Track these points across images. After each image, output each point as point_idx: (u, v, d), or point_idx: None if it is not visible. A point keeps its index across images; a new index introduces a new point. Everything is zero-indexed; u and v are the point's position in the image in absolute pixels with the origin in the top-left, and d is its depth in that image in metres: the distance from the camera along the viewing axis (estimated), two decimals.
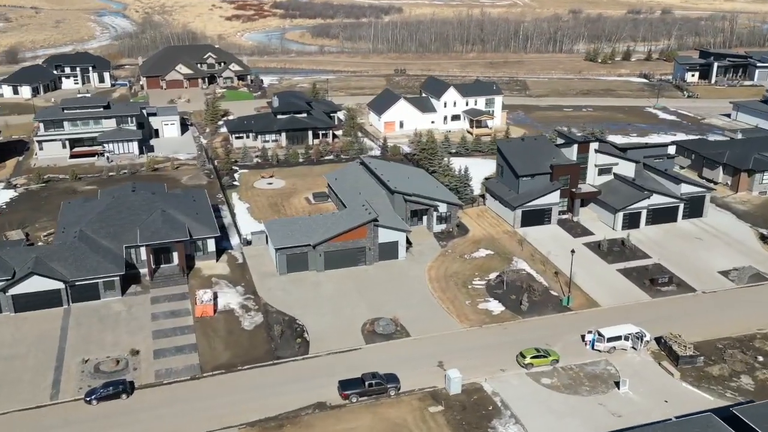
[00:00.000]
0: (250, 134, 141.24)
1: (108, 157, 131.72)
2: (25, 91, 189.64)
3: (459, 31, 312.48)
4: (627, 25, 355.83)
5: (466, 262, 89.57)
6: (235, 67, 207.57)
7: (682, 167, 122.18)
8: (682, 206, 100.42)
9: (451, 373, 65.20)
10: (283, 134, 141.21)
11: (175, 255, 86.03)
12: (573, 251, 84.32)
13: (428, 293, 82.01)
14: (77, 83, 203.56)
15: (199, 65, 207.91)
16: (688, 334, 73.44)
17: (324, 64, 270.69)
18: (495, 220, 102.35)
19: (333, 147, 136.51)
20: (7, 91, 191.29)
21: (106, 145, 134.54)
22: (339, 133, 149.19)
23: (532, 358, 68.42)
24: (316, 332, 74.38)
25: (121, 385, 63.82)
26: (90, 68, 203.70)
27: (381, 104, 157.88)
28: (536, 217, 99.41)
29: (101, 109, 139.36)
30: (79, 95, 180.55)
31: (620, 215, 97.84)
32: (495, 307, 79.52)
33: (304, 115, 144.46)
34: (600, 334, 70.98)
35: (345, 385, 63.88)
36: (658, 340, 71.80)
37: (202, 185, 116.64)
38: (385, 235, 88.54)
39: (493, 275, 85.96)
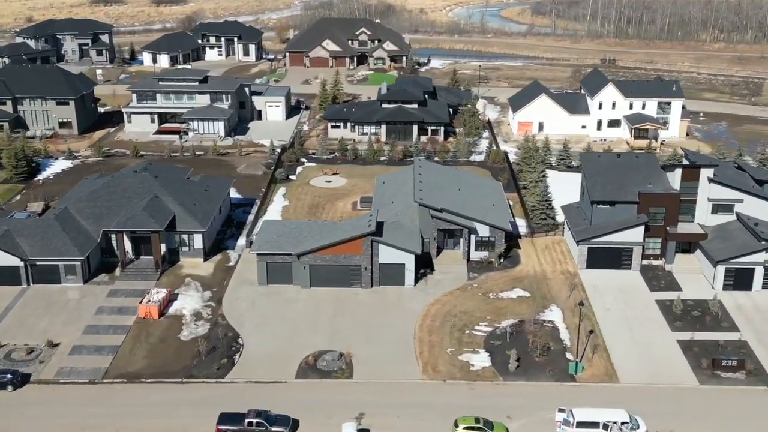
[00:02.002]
0: (349, 124, 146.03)
1: (181, 136, 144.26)
2: (164, 60, 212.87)
3: (705, 13, 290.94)
4: None
5: (486, 302, 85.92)
6: (389, 45, 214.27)
7: None
8: None
9: (346, 428, 63.84)
10: (384, 126, 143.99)
11: (162, 245, 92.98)
12: (581, 304, 77.19)
13: (410, 332, 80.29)
14: (221, 54, 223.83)
15: (350, 42, 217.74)
16: None
17: (518, 48, 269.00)
18: (563, 256, 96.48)
19: (434, 146, 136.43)
20: (147, 58, 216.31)
21: (191, 122, 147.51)
22: (459, 130, 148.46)
23: (466, 428, 64.45)
24: (249, 356, 76.54)
25: (10, 375, 71.28)
26: (235, 39, 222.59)
27: (520, 100, 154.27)
28: (609, 258, 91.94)
29: (197, 83, 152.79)
30: (180, 67, 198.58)
31: (721, 269, 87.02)
32: (479, 361, 75.79)
33: (415, 106, 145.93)
34: (571, 415, 64.77)
35: (223, 419, 65.40)
36: None
37: (255, 176, 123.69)
38: (388, 255, 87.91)
39: (506, 322, 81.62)
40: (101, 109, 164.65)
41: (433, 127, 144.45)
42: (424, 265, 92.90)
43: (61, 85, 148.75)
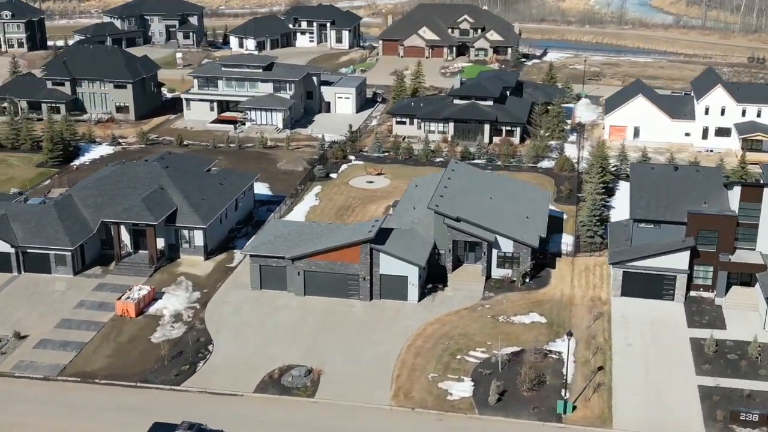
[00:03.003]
0: (415, 120, 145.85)
1: (236, 126, 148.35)
2: (250, 45, 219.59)
3: None
4: None
5: (493, 326, 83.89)
6: (493, 35, 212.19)
7: None
8: None
9: None
10: (452, 124, 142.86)
11: (160, 241, 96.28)
12: (570, 333, 73.61)
13: (395, 352, 79.54)
14: (312, 41, 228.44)
15: (450, 31, 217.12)
16: None
17: (655, 41, 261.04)
18: (600, 281, 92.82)
19: (499, 149, 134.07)
20: (234, 42, 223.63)
21: (248, 112, 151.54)
22: (542, 132, 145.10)
23: None
24: (214, 364, 78.02)
25: None
26: (328, 24, 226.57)
27: (616, 101, 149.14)
28: (648, 285, 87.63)
29: (260, 70, 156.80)
30: (246, 52, 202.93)
31: None
32: (460, 390, 74.14)
33: (490, 103, 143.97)
34: None
35: (154, 430, 66.91)
36: None
37: (294, 172, 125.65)
38: (389, 266, 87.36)
39: (506, 350, 79.43)
40: (169, 95, 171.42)
41: (508, 128, 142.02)
42: (437, 279, 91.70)
43: (120, 67, 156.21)
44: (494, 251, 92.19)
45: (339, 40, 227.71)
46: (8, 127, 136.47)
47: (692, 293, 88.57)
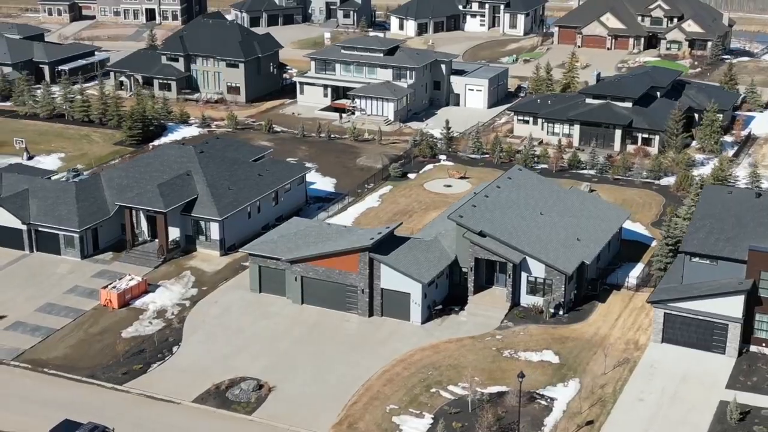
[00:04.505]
0: (539, 120, 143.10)
1: (341, 115, 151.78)
2: (409, 27, 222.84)
3: None
4: None
5: (492, 360, 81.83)
6: (691, 26, 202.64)
7: None
8: None
9: None
10: (577, 127, 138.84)
11: (176, 231, 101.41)
12: (521, 375, 69.83)
13: (366, 377, 79.59)
14: (482, 24, 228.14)
15: (640, 19, 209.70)
16: None
17: None
18: (651, 321, 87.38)
19: (612, 160, 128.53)
20: (394, 24, 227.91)
21: (357, 100, 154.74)
22: (694, 143, 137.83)
23: None
24: (168, 367, 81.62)
25: None
26: (501, 7, 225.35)
27: None
28: (695, 333, 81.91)
29: (381, 55, 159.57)
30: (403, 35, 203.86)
31: None
32: (412, 427, 73.26)
33: (628, 105, 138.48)
34: None
35: (60, 426, 71.09)
36: None
37: (372, 168, 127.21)
38: (391, 280, 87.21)
39: (492, 389, 77.38)
40: (294, 79, 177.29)
41: (645, 135, 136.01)
42: (457, 301, 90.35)
43: (233, 45, 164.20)
44: (524, 275, 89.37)
45: (513, 25, 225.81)
46: (99, 102, 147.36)
47: (753, 348, 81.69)
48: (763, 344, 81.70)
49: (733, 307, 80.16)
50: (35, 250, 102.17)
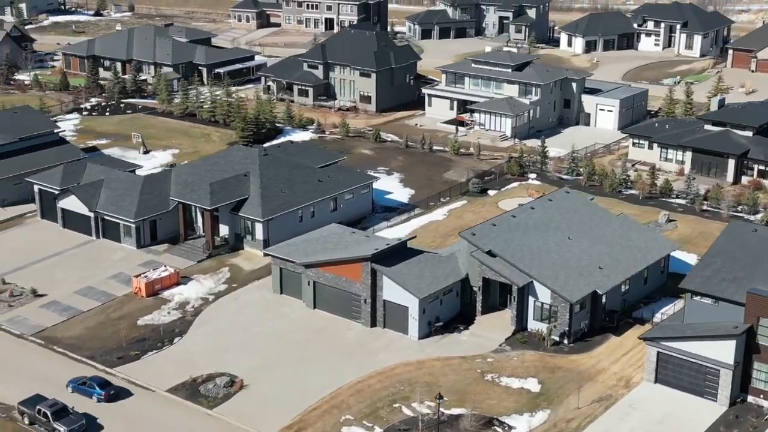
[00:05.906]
0: (654, 145, 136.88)
1: (457, 129, 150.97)
2: (577, 44, 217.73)
3: None
4: None
5: (470, 383, 79.77)
6: None
7: None
8: None
9: None
10: (689, 153, 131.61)
11: (225, 228, 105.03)
12: (440, 396, 66.79)
13: (334, 385, 79.72)
14: (657, 44, 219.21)
15: None
16: None
17: None
18: None
19: (717, 189, 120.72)
20: (563, 40, 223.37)
21: (477, 114, 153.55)
22: None
23: None
24: (160, 357, 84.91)
25: None
26: (678, 26, 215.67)
27: None
28: (687, 376, 76.43)
29: (509, 70, 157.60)
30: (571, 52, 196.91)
31: None
32: None
33: (749, 134, 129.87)
34: None
35: (28, 400, 75.49)
36: None
37: (455, 182, 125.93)
38: (392, 293, 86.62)
39: (455, 411, 75.67)
40: (424, 91, 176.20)
41: (762, 167, 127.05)
42: (465, 319, 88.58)
43: (368, 55, 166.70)
44: (531, 299, 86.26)
45: (690, 45, 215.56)
46: (225, 104, 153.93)
47: (750, 398, 75.14)
48: (761, 395, 74.96)
49: (725, 351, 74.11)
50: (101, 237, 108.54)
